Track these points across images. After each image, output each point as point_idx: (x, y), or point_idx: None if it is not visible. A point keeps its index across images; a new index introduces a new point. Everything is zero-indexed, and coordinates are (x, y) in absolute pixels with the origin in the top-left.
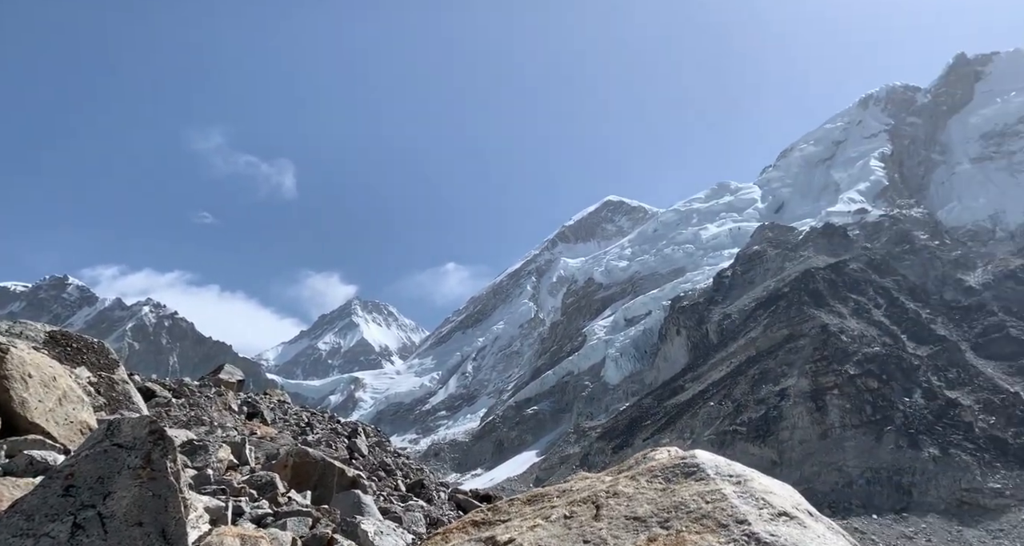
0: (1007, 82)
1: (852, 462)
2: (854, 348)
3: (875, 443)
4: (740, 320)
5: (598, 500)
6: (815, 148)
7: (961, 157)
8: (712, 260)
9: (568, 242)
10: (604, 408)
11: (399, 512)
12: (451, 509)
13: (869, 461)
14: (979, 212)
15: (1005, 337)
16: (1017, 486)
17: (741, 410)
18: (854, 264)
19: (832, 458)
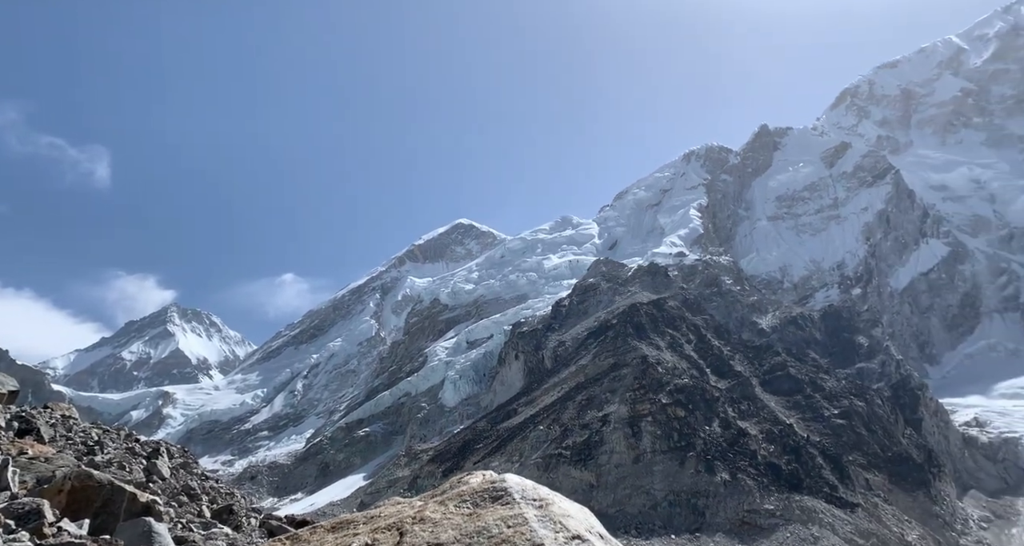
0: (797, 154)
1: (659, 485)
2: (667, 379)
3: (679, 468)
4: (573, 348)
5: (403, 526)
6: (646, 193)
7: (760, 214)
8: (552, 289)
9: (416, 261)
10: (439, 431)
11: (198, 541)
12: (261, 537)
13: (673, 484)
14: (772, 264)
15: (786, 375)
16: (786, 507)
17: (567, 434)
18: (672, 302)
19: (642, 481)
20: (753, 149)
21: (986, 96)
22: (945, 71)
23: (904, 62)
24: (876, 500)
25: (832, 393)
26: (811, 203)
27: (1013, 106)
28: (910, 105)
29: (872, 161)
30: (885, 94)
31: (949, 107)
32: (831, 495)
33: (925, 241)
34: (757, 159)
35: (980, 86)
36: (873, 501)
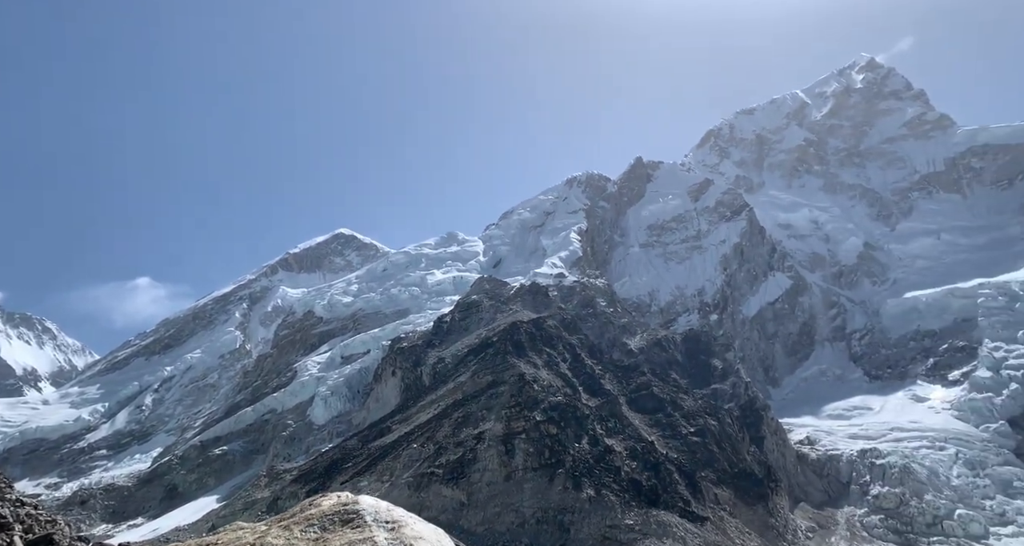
0: (667, 187)
1: (528, 502)
2: (543, 396)
3: (548, 485)
4: (452, 364)
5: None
6: (530, 215)
7: (633, 241)
8: (435, 304)
9: (291, 271)
10: (305, 449)
11: None
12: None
13: (541, 501)
14: (642, 288)
15: (650, 394)
16: (645, 522)
17: (441, 452)
18: (551, 321)
19: (513, 499)
20: (629, 179)
21: (824, 147)
22: (792, 122)
23: (759, 110)
24: (723, 514)
25: (689, 412)
26: (677, 233)
27: (845, 158)
28: (763, 149)
29: (731, 198)
30: (743, 138)
31: (795, 154)
32: (684, 509)
33: (772, 274)
34: (632, 189)
35: (820, 138)
36: (720, 515)
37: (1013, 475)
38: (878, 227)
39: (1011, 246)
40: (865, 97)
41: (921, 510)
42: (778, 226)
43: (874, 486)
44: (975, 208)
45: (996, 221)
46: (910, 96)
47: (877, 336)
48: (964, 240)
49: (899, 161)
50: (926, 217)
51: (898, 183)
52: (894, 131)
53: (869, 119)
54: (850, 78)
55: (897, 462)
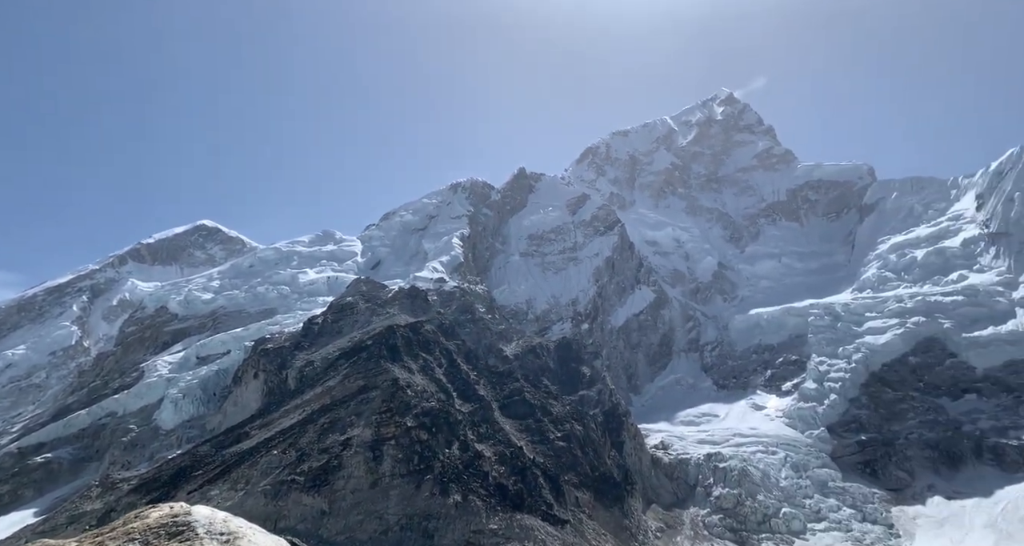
0: (548, 199)
1: (393, 509)
2: (415, 402)
3: (415, 491)
4: (322, 368)
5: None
6: (413, 217)
7: (514, 250)
8: (306, 305)
9: (143, 262)
10: (149, 456)
11: None
12: None
13: (407, 508)
14: (520, 296)
15: (522, 400)
16: (508, 526)
17: (304, 459)
18: (429, 326)
19: (377, 506)
20: (512, 189)
21: (688, 172)
22: (661, 146)
23: (633, 132)
24: (582, 516)
25: (558, 418)
26: (556, 244)
27: (705, 183)
28: (635, 170)
29: (604, 213)
30: (618, 157)
31: (662, 176)
32: (547, 513)
33: (639, 287)
34: (515, 198)
35: (684, 163)
36: (580, 517)
37: (828, 476)
38: (730, 248)
39: (837, 271)
40: (724, 128)
41: (754, 509)
42: (645, 243)
43: (716, 488)
44: (810, 236)
45: (826, 248)
46: (761, 131)
47: (725, 348)
48: (800, 264)
49: (750, 189)
50: (770, 242)
51: (748, 209)
52: (746, 162)
53: (726, 149)
54: (712, 110)
55: (737, 465)
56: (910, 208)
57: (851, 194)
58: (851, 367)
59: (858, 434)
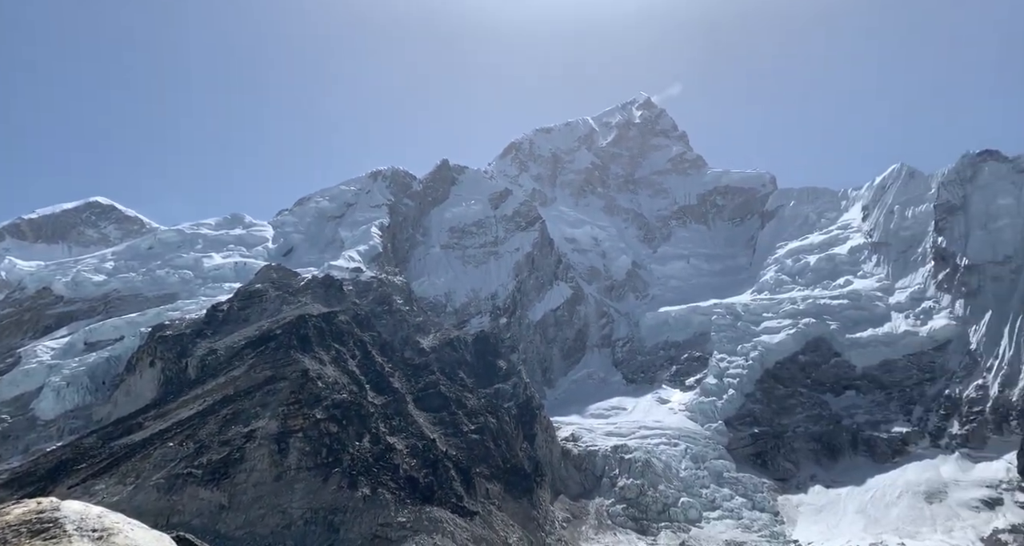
0: (470, 192)
1: (297, 503)
2: (326, 394)
3: (322, 484)
4: (226, 357)
5: None
6: (329, 204)
7: (435, 242)
8: (210, 291)
9: (23, 239)
10: (24, 448)
11: None
12: None
13: (313, 502)
14: (440, 289)
15: (437, 393)
16: (417, 519)
17: (202, 452)
18: (343, 316)
19: (281, 500)
20: (434, 180)
21: (607, 172)
22: (582, 145)
23: (555, 130)
24: (492, 508)
25: (472, 410)
26: (477, 238)
27: (622, 184)
28: (557, 167)
29: (526, 209)
30: (540, 154)
31: (582, 176)
32: (457, 505)
33: (557, 283)
34: (437, 190)
35: (604, 163)
36: (489, 509)
37: (724, 467)
38: (644, 248)
39: (739, 273)
40: (641, 132)
41: (655, 499)
42: (564, 239)
43: (621, 479)
44: (716, 239)
45: (730, 252)
46: (676, 136)
47: (635, 344)
48: (706, 265)
49: (663, 192)
50: (680, 243)
51: (661, 211)
52: (661, 165)
53: (643, 152)
54: (631, 113)
55: (641, 457)
56: (805, 216)
57: (754, 201)
58: (748, 364)
59: (752, 427)
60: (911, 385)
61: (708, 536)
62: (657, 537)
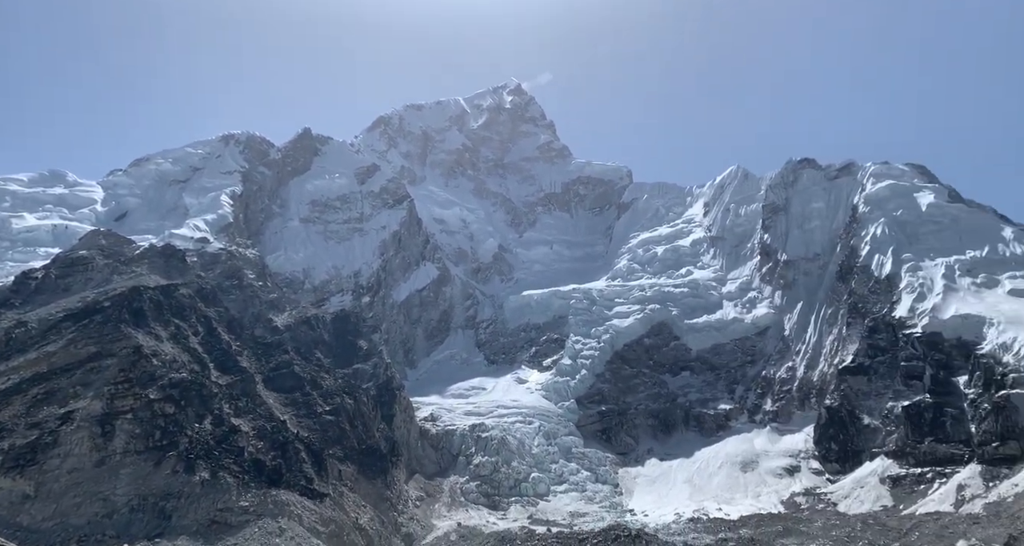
0: (334, 165)
1: (123, 490)
2: (162, 372)
3: (154, 469)
4: (40, 331)
5: None
6: (172, 167)
7: (294, 214)
8: (20, 256)
9: None
10: None
11: None
12: None
13: (141, 488)
14: (297, 264)
15: (290, 373)
16: (261, 502)
17: (5, 436)
18: (185, 290)
19: (102, 487)
20: (295, 149)
21: (477, 155)
22: (453, 126)
23: (427, 109)
24: (344, 489)
25: (328, 391)
26: (341, 213)
27: (492, 168)
28: (427, 146)
29: (394, 186)
30: (410, 131)
31: (453, 156)
32: (306, 487)
33: (423, 263)
34: (297, 160)
35: (474, 145)
36: (341, 490)
37: (572, 443)
38: (510, 232)
39: (596, 261)
40: (511, 117)
41: (507, 475)
42: (433, 220)
43: (477, 456)
44: (577, 227)
45: (589, 239)
46: (544, 125)
47: (499, 326)
48: (568, 252)
49: (531, 178)
50: (544, 230)
51: (528, 197)
52: (529, 152)
53: (513, 137)
54: (502, 97)
55: (497, 435)
56: (656, 210)
57: (613, 192)
58: (600, 346)
59: (599, 405)
60: (736, 367)
61: (554, 508)
62: (507, 511)
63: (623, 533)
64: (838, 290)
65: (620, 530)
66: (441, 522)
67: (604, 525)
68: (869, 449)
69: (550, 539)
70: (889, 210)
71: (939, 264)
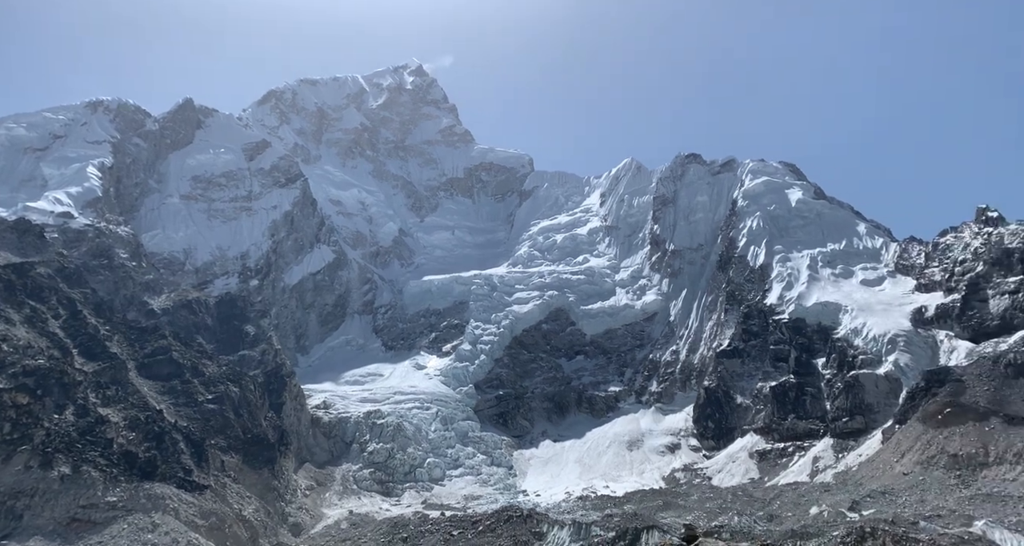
0: (220, 139)
1: None
2: (16, 359)
3: (2, 466)
4: None
5: None
6: (28, 133)
7: (173, 190)
8: None
9: None
10: None
11: None
12: None
13: None
14: (177, 244)
15: (168, 359)
16: (132, 497)
17: None
18: (43, 269)
19: None
20: (175, 121)
21: (376, 136)
22: (351, 104)
23: (322, 84)
24: (226, 480)
25: (211, 379)
26: (227, 190)
27: (392, 149)
28: (323, 124)
29: (287, 164)
30: (305, 107)
31: (351, 136)
32: (184, 479)
33: (318, 246)
34: (177, 132)
35: (374, 126)
36: (223, 481)
37: (469, 428)
38: (411, 217)
39: (498, 247)
40: (412, 98)
41: (403, 461)
42: (329, 201)
43: (371, 443)
44: (480, 213)
45: (491, 226)
46: (446, 108)
47: (398, 312)
48: (469, 238)
49: (433, 162)
50: (447, 215)
51: (430, 181)
52: (431, 135)
53: (414, 119)
54: (402, 78)
55: (393, 421)
56: (556, 198)
57: (514, 180)
58: (500, 331)
59: (497, 390)
60: (626, 350)
61: (449, 493)
62: (401, 497)
63: (515, 513)
64: (718, 279)
65: (512, 511)
66: (332, 511)
67: (497, 507)
68: (740, 426)
69: (443, 523)
70: (764, 205)
71: (805, 256)
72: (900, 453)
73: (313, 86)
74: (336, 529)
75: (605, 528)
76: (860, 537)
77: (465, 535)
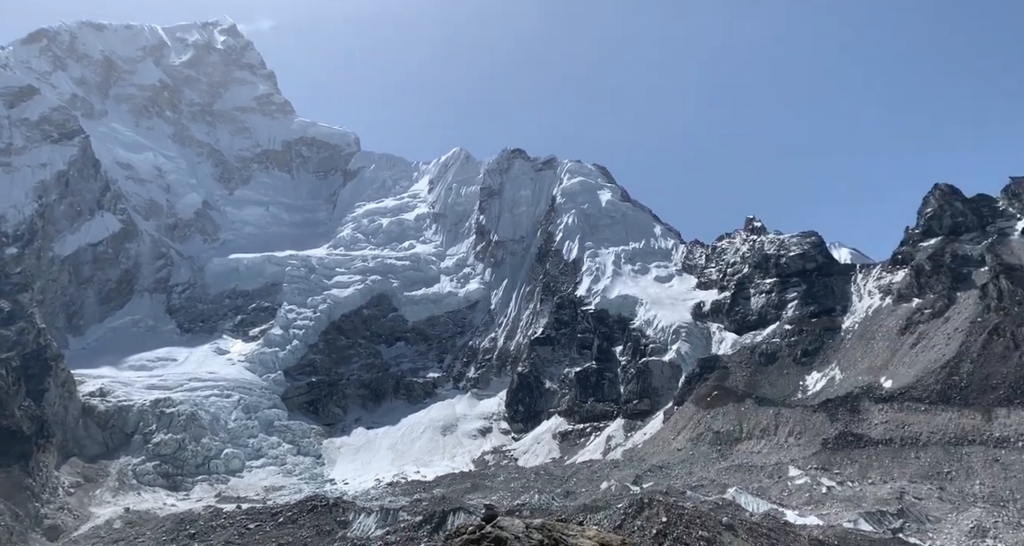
0: None
1: None
2: None
3: None
4: None
5: None
6: None
7: None
8: None
9: None
10: None
11: None
12: None
13: None
14: None
15: None
16: None
17: None
18: None
19: None
20: None
21: (179, 96)
22: (148, 57)
23: (111, 31)
24: None
25: None
26: None
27: (198, 113)
28: (111, 76)
29: (62, 117)
30: (87, 54)
31: (147, 93)
32: None
33: (101, 213)
34: None
35: (176, 84)
36: None
37: (276, 416)
38: (219, 188)
39: (318, 227)
40: (224, 60)
41: (195, 453)
42: (117, 164)
43: (158, 434)
44: (299, 190)
45: (311, 204)
46: (263, 74)
47: (198, 291)
48: (286, 215)
49: (246, 131)
50: (260, 189)
51: (242, 152)
52: (245, 102)
53: (225, 83)
54: (212, 35)
55: (186, 410)
56: (383, 181)
57: (339, 158)
58: (316, 316)
59: (310, 376)
60: (447, 337)
61: (247, 484)
62: (191, 491)
63: (320, 503)
64: (536, 270)
65: (317, 500)
66: (102, 509)
67: (301, 497)
68: (547, 410)
69: (239, 516)
70: (579, 203)
71: (611, 252)
72: (677, 431)
73: (99, 31)
74: (107, 529)
75: (412, 513)
76: (639, 508)
77: (263, 528)
